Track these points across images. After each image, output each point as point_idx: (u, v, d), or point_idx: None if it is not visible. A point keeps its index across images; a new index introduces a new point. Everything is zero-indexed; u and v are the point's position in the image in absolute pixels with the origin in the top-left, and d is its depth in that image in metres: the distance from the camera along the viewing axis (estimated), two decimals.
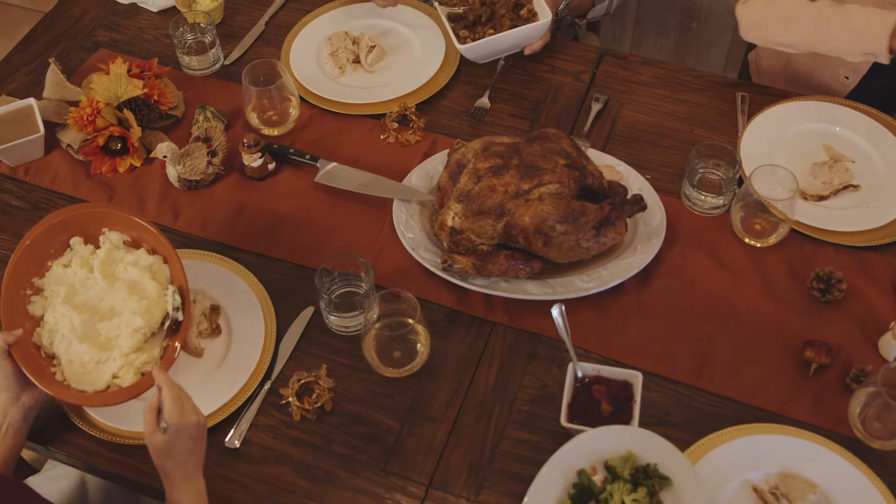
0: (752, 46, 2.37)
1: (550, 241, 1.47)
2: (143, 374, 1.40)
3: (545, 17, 1.80)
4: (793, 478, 1.34)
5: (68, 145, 1.75)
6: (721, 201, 1.64)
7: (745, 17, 1.77)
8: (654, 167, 1.72)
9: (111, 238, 1.48)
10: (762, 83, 2.00)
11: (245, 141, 1.68)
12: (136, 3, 2.05)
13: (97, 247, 1.48)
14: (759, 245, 1.60)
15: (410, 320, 1.43)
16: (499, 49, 1.82)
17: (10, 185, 1.75)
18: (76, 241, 1.48)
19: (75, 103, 1.76)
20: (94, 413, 1.45)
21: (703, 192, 1.63)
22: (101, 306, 1.44)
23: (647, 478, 1.28)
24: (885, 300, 1.53)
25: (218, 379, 1.46)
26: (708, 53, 2.76)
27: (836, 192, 1.66)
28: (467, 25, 1.84)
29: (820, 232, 1.61)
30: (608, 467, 1.30)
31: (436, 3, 1.86)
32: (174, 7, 2.01)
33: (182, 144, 1.73)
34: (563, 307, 1.42)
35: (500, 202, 1.49)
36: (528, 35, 1.80)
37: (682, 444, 1.37)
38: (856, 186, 1.67)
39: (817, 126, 1.76)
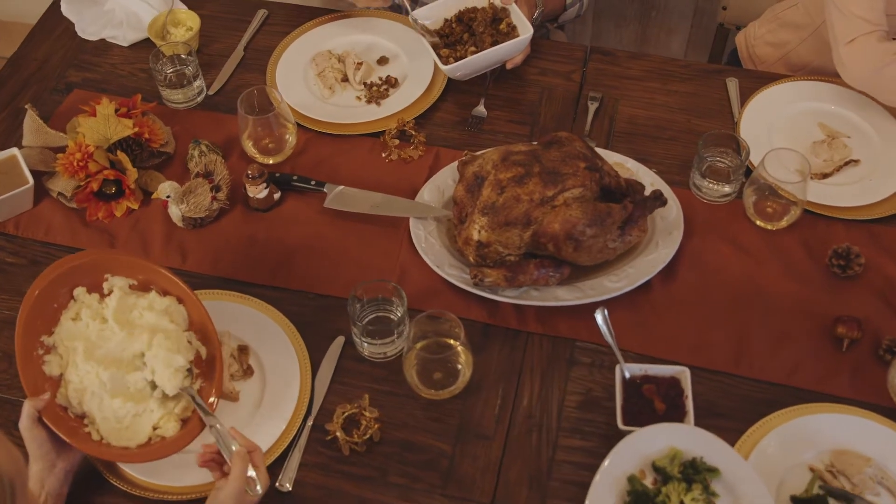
0: (724, 31, 2.40)
1: (581, 246, 1.47)
2: (183, 422, 1.36)
3: (525, 30, 1.79)
4: (846, 454, 1.36)
5: (59, 193, 1.68)
6: (729, 189, 1.66)
7: (856, 62, 1.67)
8: (658, 160, 1.74)
9: (116, 283, 1.43)
10: (754, 68, 2.03)
11: (249, 172, 1.63)
12: (104, 39, 1.97)
13: (102, 295, 1.43)
14: (770, 228, 1.63)
15: (452, 341, 1.41)
16: (482, 66, 1.81)
17: (2, 241, 1.67)
18: (79, 292, 1.41)
19: (61, 149, 1.69)
20: (130, 469, 1.39)
21: (713, 181, 1.65)
22: (124, 357, 1.39)
23: (696, 472, 1.29)
24: None
25: (259, 421, 1.42)
26: (668, 41, 2.80)
27: (838, 169, 1.70)
28: (448, 45, 1.82)
29: (829, 209, 1.64)
30: (656, 468, 1.30)
31: (413, 23, 1.83)
32: (146, 40, 1.95)
33: (178, 181, 1.67)
34: (606, 311, 1.42)
35: (525, 211, 1.48)
36: (511, 50, 1.79)
37: (734, 434, 1.38)
38: (856, 161, 1.71)
39: (810, 105, 1.80)
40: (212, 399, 1.38)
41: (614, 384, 1.43)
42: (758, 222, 1.63)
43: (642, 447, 1.30)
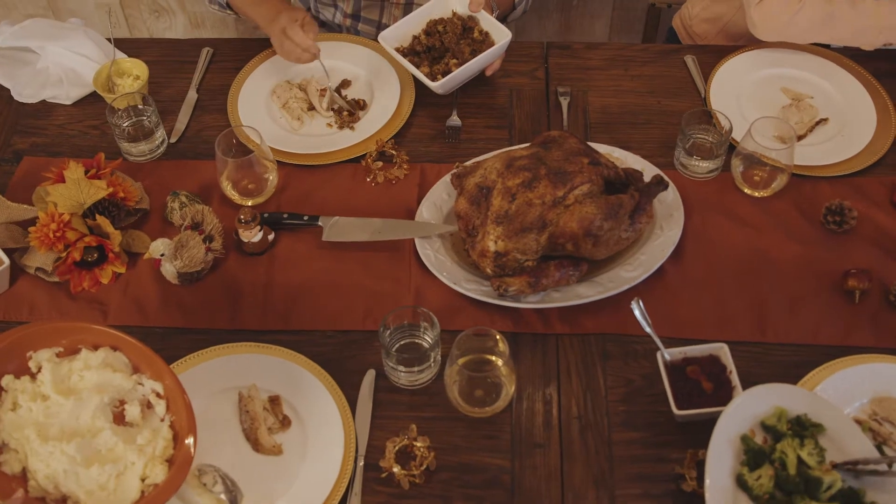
0: (656, 11, 2.45)
1: (599, 241, 1.47)
2: (169, 461, 1.30)
3: (501, 34, 1.78)
4: (886, 400, 1.41)
5: (38, 269, 1.57)
6: (714, 164, 1.69)
7: (766, 19, 1.80)
8: (638, 145, 1.76)
9: (42, 358, 1.35)
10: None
11: (241, 217, 1.56)
12: (45, 101, 1.86)
13: (32, 375, 1.35)
14: (759, 195, 1.67)
15: (493, 357, 1.39)
16: (467, 76, 1.80)
17: None
18: (8, 381, 1.33)
19: (30, 222, 1.58)
20: None
21: (698, 158, 1.68)
22: (81, 423, 1.31)
23: (803, 429, 1.31)
24: (891, 217, 1.63)
25: (309, 471, 1.36)
26: (592, 27, 2.84)
27: (811, 130, 1.76)
28: (428, 62, 1.79)
29: (811, 169, 1.70)
30: (766, 427, 1.32)
31: (391, 49, 1.80)
32: (91, 95, 1.85)
33: (160, 237, 1.59)
34: (641, 301, 1.43)
35: (540, 214, 1.47)
36: (493, 56, 1.79)
37: None
38: (825, 120, 1.78)
39: (770, 72, 1.86)
40: (189, 440, 1.30)
41: (652, 372, 1.44)
42: (747, 191, 1.67)
43: (751, 408, 1.32)
